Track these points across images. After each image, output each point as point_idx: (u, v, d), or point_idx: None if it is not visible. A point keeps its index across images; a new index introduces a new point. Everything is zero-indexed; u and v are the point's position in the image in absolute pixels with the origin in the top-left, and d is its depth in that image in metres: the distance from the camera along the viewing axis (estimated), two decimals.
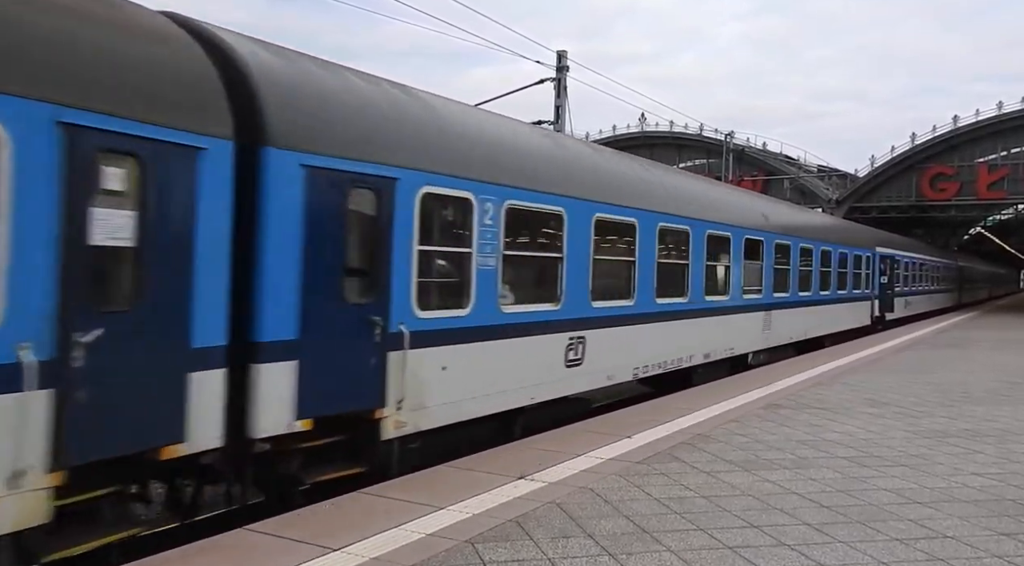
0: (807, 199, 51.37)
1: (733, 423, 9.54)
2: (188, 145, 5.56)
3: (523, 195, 8.96)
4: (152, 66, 5.53)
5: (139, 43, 5.54)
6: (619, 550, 5.14)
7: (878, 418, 10.20)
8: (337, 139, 6.78)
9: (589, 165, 10.94)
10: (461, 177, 8.03)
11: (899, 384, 13.43)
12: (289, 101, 6.48)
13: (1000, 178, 48.04)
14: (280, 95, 6.41)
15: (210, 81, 5.91)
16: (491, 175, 8.45)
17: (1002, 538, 5.61)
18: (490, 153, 8.74)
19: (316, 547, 5.00)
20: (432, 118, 8.21)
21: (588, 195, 10.25)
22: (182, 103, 5.62)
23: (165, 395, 5.47)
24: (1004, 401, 11.96)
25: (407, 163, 7.38)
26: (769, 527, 5.70)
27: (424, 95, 8.56)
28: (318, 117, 6.70)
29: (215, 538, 5.25)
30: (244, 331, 6.08)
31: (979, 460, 8.02)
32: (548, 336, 9.50)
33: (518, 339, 8.94)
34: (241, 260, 6.01)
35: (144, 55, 5.51)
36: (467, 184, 8.10)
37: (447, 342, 7.90)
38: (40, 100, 4.72)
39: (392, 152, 7.26)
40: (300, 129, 6.46)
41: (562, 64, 24.12)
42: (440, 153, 7.88)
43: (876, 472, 7.41)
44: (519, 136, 9.79)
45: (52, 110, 4.77)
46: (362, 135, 7.05)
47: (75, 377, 4.88)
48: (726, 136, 48.56)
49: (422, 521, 5.55)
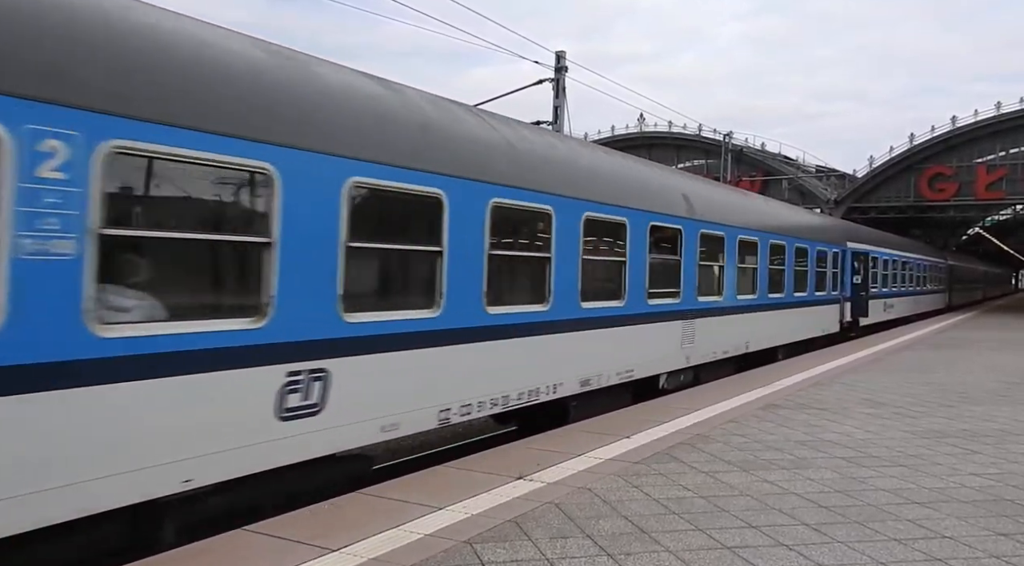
0: (806, 199, 51.44)
1: (731, 423, 9.55)
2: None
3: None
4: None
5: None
6: (618, 550, 5.14)
7: (876, 418, 10.20)
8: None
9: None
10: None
11: (897, 384, 13.44)
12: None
13: (998, 178, 48.14)
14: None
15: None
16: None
17: (1000, 538, 5.62)
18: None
19: (315, 548, 5.00)
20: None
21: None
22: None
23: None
24: (1002, 401, 11.96)
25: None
26: (767, 527, 5.70)
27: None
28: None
29: (214, 538, 5.24)
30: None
31: (977, 460, 8.03)
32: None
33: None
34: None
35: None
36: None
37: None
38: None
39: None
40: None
41: (561, 65, 24.14)
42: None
43: (874, 472, 7.42)
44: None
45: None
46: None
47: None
48: (725, 136, 48.60)
49: (420, 521, 5.55)
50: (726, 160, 46.59)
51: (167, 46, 5.52)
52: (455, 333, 7.88)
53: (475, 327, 8.19)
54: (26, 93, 4.52)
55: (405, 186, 7.27)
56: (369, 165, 6.87)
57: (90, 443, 4.89)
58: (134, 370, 5.09)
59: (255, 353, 5.87)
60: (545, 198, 9.28)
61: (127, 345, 5.06)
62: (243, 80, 6.02)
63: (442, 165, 7.73)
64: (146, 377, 5.16)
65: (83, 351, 4.82)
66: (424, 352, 7.50)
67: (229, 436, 5.73)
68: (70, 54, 4.85)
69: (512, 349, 8.78)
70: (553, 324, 9.42)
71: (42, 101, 4.58)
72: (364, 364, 6.86)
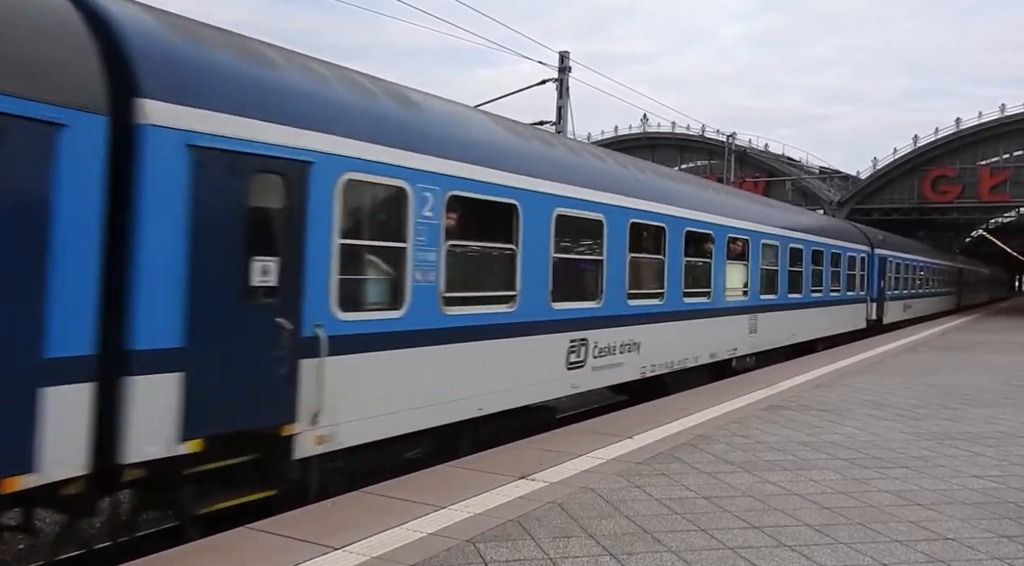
0: (808, 201, 51.36)
1: (734, 424, 9.55)
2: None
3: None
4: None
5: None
6: (620, 550, 5.14)
7: (879, 420, 10.20)
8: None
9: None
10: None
11: (900, 386, 13.43)
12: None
13: (1002, 181, 47.92)
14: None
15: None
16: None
17: (1003, 540, 5.62)
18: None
19: (318, 546, 5.01)
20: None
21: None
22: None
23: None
24: (1005, 404, 11.95)
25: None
26: (770, 528, 5.70)
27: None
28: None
29: (217, 537, 5.26)
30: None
31: (980, 462, 8.02)
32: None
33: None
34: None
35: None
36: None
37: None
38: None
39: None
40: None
41: (564, 65, 24.14)
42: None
43: (877, 474, 7.42)
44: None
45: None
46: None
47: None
48: (728, 137, 48.54)
49: (423, 520, 5.56)
50: (729, 161, 46.56)
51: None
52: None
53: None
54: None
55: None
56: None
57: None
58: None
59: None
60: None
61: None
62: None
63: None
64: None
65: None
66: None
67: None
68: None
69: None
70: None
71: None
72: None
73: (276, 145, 6.12)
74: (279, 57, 6.83)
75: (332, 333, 6.53)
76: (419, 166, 7.53)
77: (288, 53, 7.08)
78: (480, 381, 8.43)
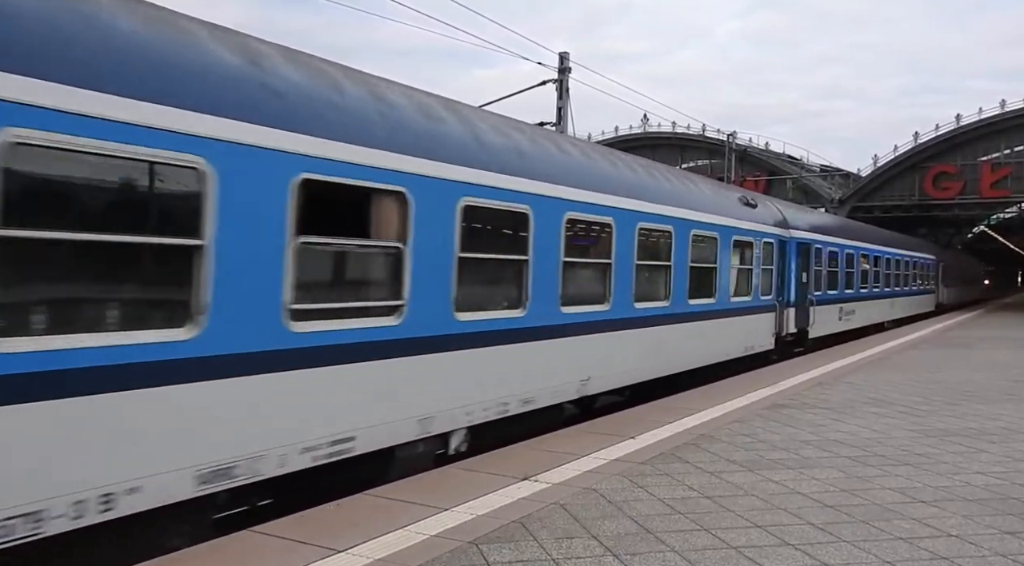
0: (810, 198, 51.35)
1: (737, 423, 9.55)
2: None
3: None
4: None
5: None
6: (623, 550, 5.15)
7: (882, 417, 10.19)
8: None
9: None
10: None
11: (903, 383, 13.42)
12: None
13: (1003, 177, 47.94)
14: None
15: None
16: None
17: (1006, 536, 5.62)
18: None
19: (321, 548, 5.02)
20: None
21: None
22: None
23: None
24: (1008, 400, 11.94)
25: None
26: (773, 527, 5.70)
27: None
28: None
29: (221, 539, 5.27)
30: None
31: (983, 459, 8.02)
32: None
33: None
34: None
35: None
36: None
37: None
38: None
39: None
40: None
41: (564, 66, 24.16)
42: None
43: (880, 471, 7.41)
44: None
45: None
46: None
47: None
48: (728, 136, 48.55)
49: (426, 522, 5.57)
50: (730, 160, 46.55)
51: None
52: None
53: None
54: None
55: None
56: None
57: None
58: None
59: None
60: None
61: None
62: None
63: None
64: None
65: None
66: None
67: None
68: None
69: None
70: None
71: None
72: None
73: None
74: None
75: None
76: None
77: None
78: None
